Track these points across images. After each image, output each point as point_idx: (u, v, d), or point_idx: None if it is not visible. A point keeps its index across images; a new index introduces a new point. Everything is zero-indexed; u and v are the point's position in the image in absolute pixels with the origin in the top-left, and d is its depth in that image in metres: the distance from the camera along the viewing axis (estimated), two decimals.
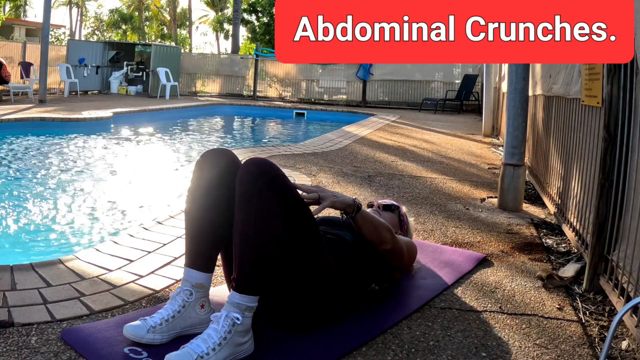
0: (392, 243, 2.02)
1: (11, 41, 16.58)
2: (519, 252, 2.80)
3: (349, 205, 1.84)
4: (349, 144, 6.73)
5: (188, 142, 8.16)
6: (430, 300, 2.13)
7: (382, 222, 2.02)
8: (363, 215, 1.90)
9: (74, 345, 1.64)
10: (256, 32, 27.49)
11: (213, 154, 1.83)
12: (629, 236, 2.04)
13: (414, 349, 1.75)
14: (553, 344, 1.83)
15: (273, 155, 5.39)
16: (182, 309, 1.72)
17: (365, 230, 1.94)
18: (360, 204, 1.88)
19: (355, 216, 1.87)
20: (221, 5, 40.63)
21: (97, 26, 44.78)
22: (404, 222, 2.45)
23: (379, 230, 1.97)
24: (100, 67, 15.68)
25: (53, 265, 2.24)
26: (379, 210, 2.40)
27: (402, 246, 2.10)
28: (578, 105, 3.06)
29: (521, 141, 3.82)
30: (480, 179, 4.87)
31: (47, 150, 6.53)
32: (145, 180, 5.32)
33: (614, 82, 2.20)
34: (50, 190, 4.55)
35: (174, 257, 2.45)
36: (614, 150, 2.22)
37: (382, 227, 1.99)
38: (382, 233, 1.98)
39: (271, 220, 1.63)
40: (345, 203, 1.84)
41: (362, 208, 1.89)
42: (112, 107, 10.30)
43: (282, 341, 1.74)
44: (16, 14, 33.29)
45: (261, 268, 1.63)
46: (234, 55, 18.85)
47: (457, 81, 15.06)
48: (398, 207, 2.47)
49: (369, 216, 1.94)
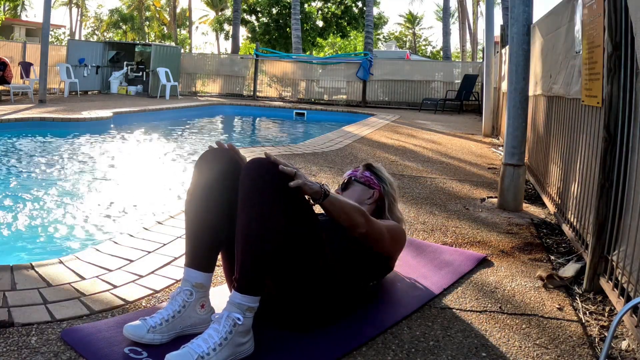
0: (366, 226, 1.91)
1: (11, 41, 16.56)
2: (519, 252, 2.80)
3: (316, 192, 1.75)
4: (349, 144, 6.73)
5: (188, 142, 8.16)
6: (431, 300, 2.13)
7: (353, 205, 1.90)
8: (331, 201, 1.80)
9: (74, 345, 1.64)
10: (256, 32, 27.51)
11: (213, 153, 1.82)
12: (629, 236, 2.04)
13: (414, 349, 1.75)
14: (553, 344, 1.83)
15: (273, 155, 5.38)
16: (182, 309, 1.72)
17: (335, 216, 1.84)
18: (328, 191, 1.79)
19: (323, 202, 1.78)
20: (221, 6, 40.62)
21: (96, 26, 44.80)
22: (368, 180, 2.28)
23: (349, 215, 1.86)
24: (100, 67, 15.68)
25: (53, 265, 2.25)
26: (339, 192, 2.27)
27: (379, 228, 1.99)
28: (578, 105, 3.05)
29: (521, 141, 3.82)
30: (480, 179, 4.87)
31: (47, 151, 6.52)
32: (145, 180, 5.32)
33: (614, 82, 2.20)
34: (50, 190, 4.55)
35: (174, 257, 2.45)
36: (614, 150, 2.22)
37: (353, 211, 1.88)
38: (354, 217, 1.87)
39: (273, 220, 1.62)
40: (313, 189, 1.74)
41: (330, 194, 1.80)
42: (112, 107, 10.30)
43: (282, 341, 1.74)
44: (14, 14, 33.26)
45: (263, 268, 1.63)
46: (234, 55, 18.85)
47: (457, 81, 15.07)
48: (350, 177, 2.31)
49: (337, 201, 1.83)
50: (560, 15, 3.63)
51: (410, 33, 49.63)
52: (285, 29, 25.68)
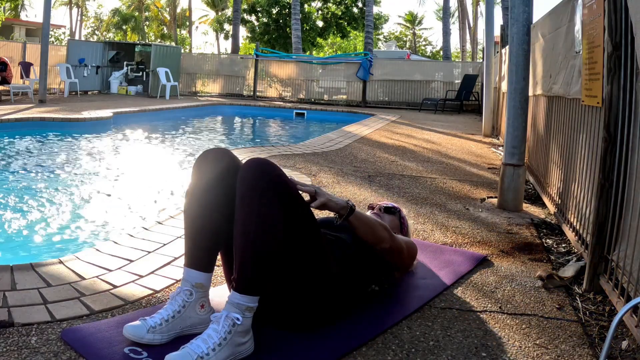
0: (390, 241, 2.01)
1: (11, 41, 16.56)
2: (519, 252, 2.80)
3: (343, 208, 1.83)
4: (349, 144, 6.73)
5: (188, 142, 8.16)
6: (430, 300, 2.13)
7: (378, 221, 2.01)
8: (357, 216, 1.89)
9: (74, 345, 1.64)
10: (256, 32, 27.50)
11: (212, 153, 1.82)
12: (629, 236, 2.04)
13: (414, 349, 1.75)
14: (553, 344, 1.82)
15: (273, 155, 5.39)
16: (182, 309, 1.72)
17: (360, 231, 1.93)
18: (354, 206, 1.88)
19: (349, 218, 1.86)
20: (222, 5, 40.61)
21: (97, 26, 44.80)
22: (405, 224, 2.46)
23: (374, 229, 1.96)
24: (100, 67, 15.68)
25: (53, 265, 2.24)
26: (379, 212, 2.40)
27: (400, 244, 2.10)
28: (578, 105, 3.05)
29: (521, 141, 3.82)
30: (480, 179, 4.87)
31: (47, 151, 6.53)
32: (145, 180, 5.32)
33: (614, 82, 2.20)
34: (50, 190, 4.55)
35: (174, 257, 2.45)
36: (614, 150, 2.22)
37: (378, 227, 1.98)
38: (379, 232, 1.97)
39: (272, 220, 1.63)
40: (339, 205, 1.82)
41: (355, 210, 1.88)
42: (112, 107, 10.30)
43: (282, 341, 1.74)
44: (14, 14, 33.25)
45: (262, 268, 1.63)
46: (234, 55, 18.86)
47: (457, 81, 15.07)
48: (399, 210, 2.47)
49: (363, 217, 1.93)
50: (560, 15, 3.63)
51: (411, 33, 49.65)
52: (285, 29, 25.68)
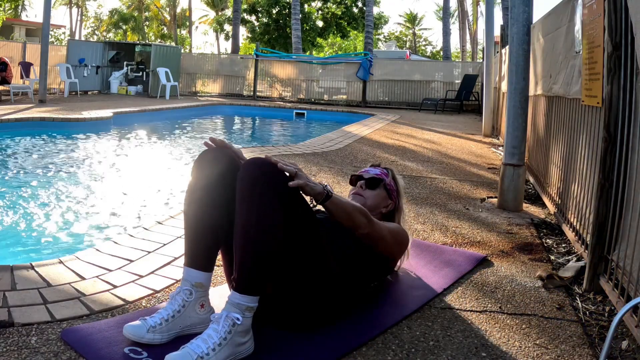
0: (368, 227, 1.93)
1: (11, 41, 16.56)
2: (519, 252, 2.80)
3: (319, 193, 1.76)
4: (349, 144, 6.73)
5: (188, 142, 8.16)
6: (430, 300, 2.13)
7: (356, 206, 1.93)
8: (334, 202, 1.81)
9: (74, 345, 1.64)
10: (256, 32, 27.50)
11: (211, 153, 1.82)
12: (629, 236, 2.04)
13: (414, 349, 1.75)
14: (553, 344, 1.82)
15: (273, 155, 5.38)
16: (182, 309, 1.72)
17: (337, 217, 1.86)
18: (331, 192, 1.80)
19: (326, 204, 1.80)
20: (221, 6, 40.62)
21: (97, 26, 44.80)
22: (392, 191, 2.31)
23: (351, 216, 1.88)
24: (100, 67, 15.68)
25: (53, 265, 2.25)
26: (361, 189, 2.28)
27: (380, 229, 2.01)
28: (578, 105, 3.05)
29: (521, 141, 3.82)
30: (480, 179, 4.87)
31: (47, 151, 6.53)
32: (145, 180, 5.32)
33: (614, 82, 2.20)
34: (50, 190, 4.55)
35: (174, 257, 2.45)
36: (614, 150, 2.22)
37: (356, 212, 1.90)
38: (356, 218, 1.90)
39: (272, 220, 1.63)
40: (315, 190, 1.75)
41: (333, 195, 1.81)
42: (112, 107, 10.30)
43: (282, 341, 1.74)
44: (14, 14, 33.24)
45: (262, 268, 1.63)
46: (234, 55, 18.85)
47: (457, 81, 15.07)
48: (384, 176, 2.31)
49: (340, 203, 1.85)
50: (560, 15, 3.63)
51: (410, 33, 49.65)
52: (285, 29, 25.68)
